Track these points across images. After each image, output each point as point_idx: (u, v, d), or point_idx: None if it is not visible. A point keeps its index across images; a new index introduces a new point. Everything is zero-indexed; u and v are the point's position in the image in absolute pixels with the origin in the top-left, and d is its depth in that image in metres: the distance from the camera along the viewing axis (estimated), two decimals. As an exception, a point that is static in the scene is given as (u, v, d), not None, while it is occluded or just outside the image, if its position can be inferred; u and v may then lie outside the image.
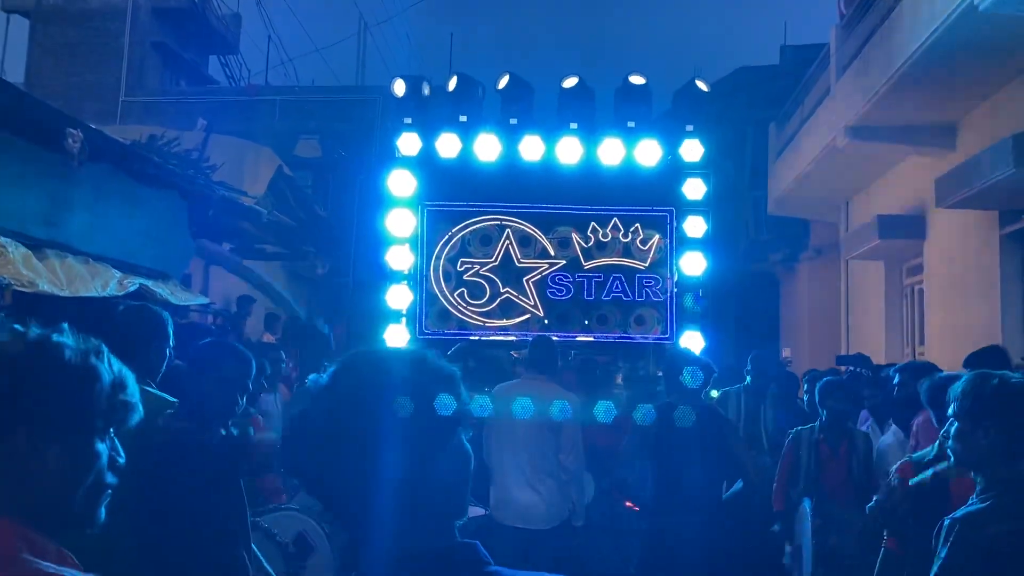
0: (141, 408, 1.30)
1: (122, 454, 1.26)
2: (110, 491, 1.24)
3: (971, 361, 5.25)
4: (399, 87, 6.50)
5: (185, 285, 8.84)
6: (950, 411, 2.40)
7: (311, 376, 1.28)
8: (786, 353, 12.80)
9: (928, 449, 3.17)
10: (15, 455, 1.13)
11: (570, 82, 6.49)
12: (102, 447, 1.22)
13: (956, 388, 2.39)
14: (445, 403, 1.18)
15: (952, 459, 2.43)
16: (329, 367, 1.22)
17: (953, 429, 2.37)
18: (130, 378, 1.29)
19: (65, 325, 1.25)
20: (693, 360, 4.60)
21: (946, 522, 2.26)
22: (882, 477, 3.89)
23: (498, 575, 1.15)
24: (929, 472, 2.87)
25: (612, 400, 5.35)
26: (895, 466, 3.28)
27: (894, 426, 4.74)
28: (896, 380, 4.47)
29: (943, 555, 2.20)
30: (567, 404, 4.36)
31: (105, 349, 1.26)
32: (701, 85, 6.57)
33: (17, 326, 1.21)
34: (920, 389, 3.58)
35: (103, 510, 1.23)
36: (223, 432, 2.82)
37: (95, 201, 6.89)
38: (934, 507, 2.58)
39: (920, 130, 8.64)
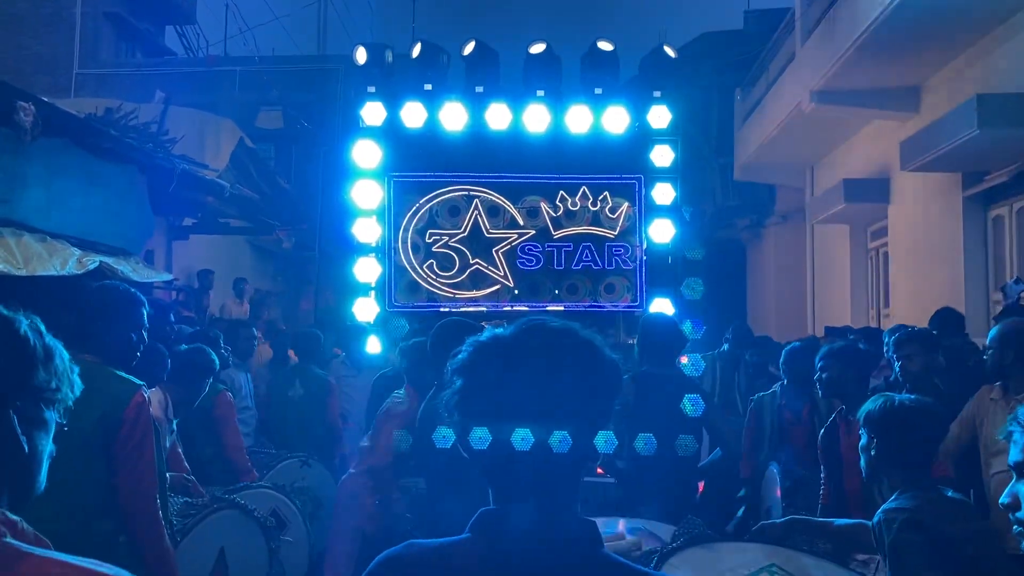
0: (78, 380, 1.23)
1: (66, 420, 1.21)
2: (50, 457, 1.20)
3: (932, 323, 5.49)
4: (360, 55, 6.35)
5: (148, 262, 8.66)
6: None
7: (488, 328, 1.34)
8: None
9: None
10: None
11: (537, 48, 6.38)
12: (50, 415, 1.17)
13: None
14: (606, 386, 1.30)
15: None
16: (505, 327, 1.30)
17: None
18: (54, 344, 1.21)
19: None
20: (668, 327, 4.56)
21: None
22: None
23: (608, 559, 1.22)
24: None
25: None
26: None
27: None
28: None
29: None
30: None
31: (24, 319, 1.18)
32: (669, 51, 6.49)
33: None
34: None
35: (45, 476, 1.19)
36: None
37: (50, 177, 6.69)
38: None
39: (885, 93, 8.69)
